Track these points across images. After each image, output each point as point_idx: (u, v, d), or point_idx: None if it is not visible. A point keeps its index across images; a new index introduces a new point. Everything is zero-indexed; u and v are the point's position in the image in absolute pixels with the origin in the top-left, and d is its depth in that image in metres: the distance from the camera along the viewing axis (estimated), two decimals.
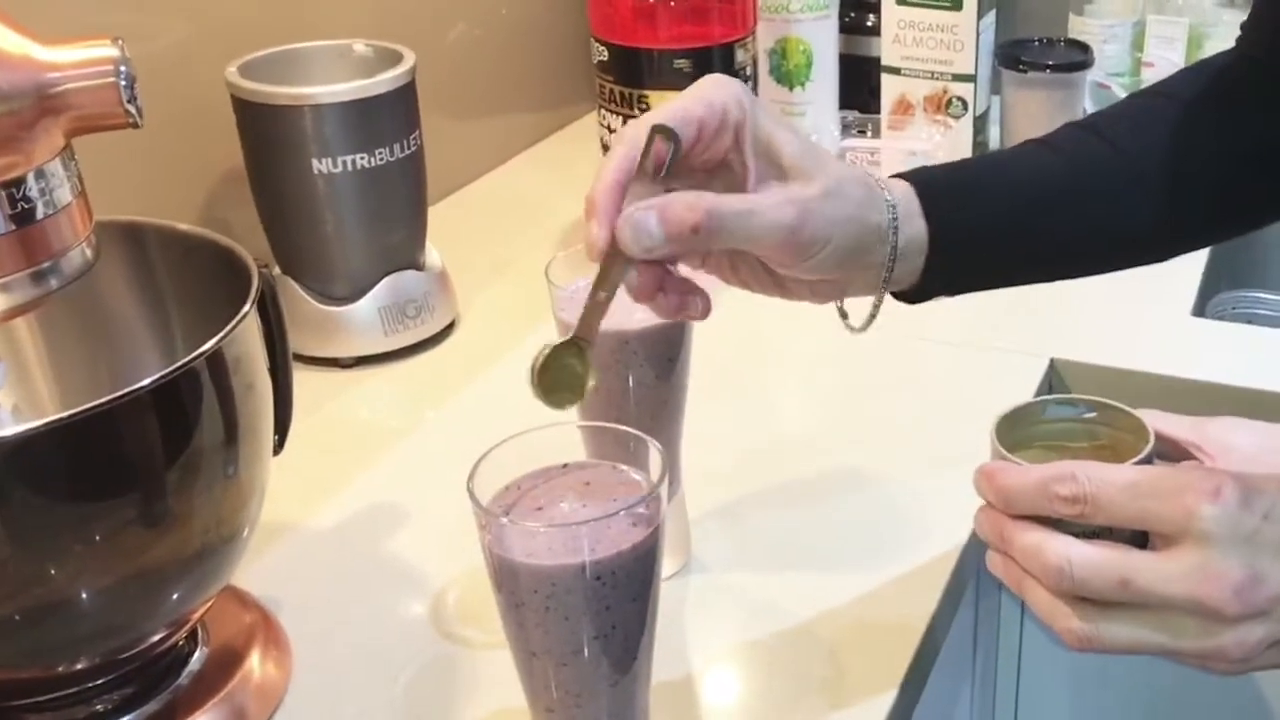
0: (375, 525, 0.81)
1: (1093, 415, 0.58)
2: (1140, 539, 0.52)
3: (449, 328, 1.02)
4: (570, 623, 0.52)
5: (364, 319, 0.96)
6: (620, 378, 0.68)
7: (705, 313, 0.62)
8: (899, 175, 0.67)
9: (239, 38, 0.98)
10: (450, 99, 1.23)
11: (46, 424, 0.53)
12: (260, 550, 0.77)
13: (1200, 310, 1.07)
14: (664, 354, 0.69)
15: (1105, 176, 0.71)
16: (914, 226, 0.65)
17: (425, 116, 0.97)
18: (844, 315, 0.69)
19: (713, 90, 0.59)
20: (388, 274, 0.97)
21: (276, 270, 0.96)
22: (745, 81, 1.09)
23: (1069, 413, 0.59)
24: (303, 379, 0.70)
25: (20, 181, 0.53)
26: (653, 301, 0.60)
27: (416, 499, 0.83)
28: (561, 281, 0.68)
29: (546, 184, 1.32)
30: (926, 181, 0.67)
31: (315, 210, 0.93)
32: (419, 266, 0.99)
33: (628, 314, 0.68)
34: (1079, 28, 1.32)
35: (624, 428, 0.56)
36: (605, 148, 1.13)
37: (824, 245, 0.60)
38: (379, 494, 0.84)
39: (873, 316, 0.67)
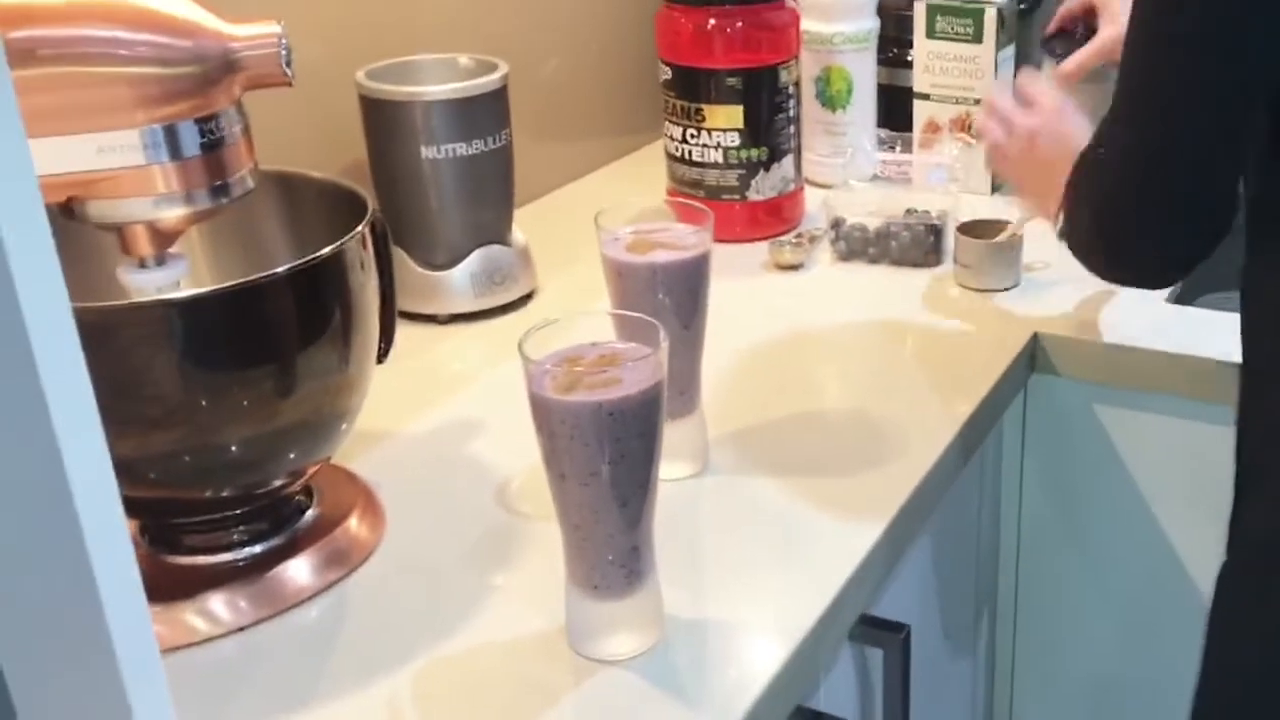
0: (459, 433, 1.00)
1: None
2: None
3: (529, 295, 1.21)
4: (589, 449, 0.69)
5: (458, 283, 1.16)
6: (649, 306, 0.86)
7: None
8: None
9: (363, 51, 1.19)
10: (535, 120, 1.43)
11: (209, 291, 0.74)
12: (370, 445, 0.97)
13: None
14: (685, 285, 0.86)
15: None
16: None
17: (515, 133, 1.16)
18: None
19: None
20: (479, 246, 1.16)
21: None
22: (789, 99, 1.28)
23: None
24: (407, 331, 0.88)
25: (211, 118, 0.74)
26: None
27: (491, 417, 1.02)
28: (608, 226, 0.87)
29: (618, 193, 1.50)
30: None
31: (422, 190, 1.13)
32: (506, 242, 1.18)
33: (654, 252, 0.86)
34: None
35: (643, 316, 0.73)
36: (670, 156, 1.32)
37: None
38: (463, 412, 1.03)
39: None
